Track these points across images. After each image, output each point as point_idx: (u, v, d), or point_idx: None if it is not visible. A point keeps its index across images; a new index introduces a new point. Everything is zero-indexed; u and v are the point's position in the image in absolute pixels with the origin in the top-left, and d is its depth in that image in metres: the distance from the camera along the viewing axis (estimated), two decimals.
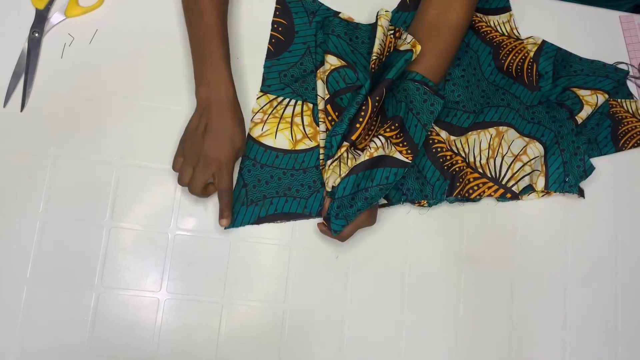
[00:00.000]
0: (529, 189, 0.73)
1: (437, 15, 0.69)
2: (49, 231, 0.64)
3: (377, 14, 0.70)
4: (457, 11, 0.68)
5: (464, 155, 0.73)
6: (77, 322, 0.63)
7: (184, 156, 0.63)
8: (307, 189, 0.69)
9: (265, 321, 0.67)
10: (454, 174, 0.71)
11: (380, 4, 0.74)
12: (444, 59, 0.69)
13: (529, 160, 0.73)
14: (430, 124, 0.67)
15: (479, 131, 0.74)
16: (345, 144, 0.65)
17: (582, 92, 0.76)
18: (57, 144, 0.66)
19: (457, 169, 0.71)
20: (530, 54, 0.78)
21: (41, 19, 0.69)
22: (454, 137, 0.73)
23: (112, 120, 0.68)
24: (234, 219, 0.67)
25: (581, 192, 0.75)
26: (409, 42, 0.67)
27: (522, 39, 0.79)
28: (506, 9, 0.80)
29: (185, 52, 0.71)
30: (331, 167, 0.65)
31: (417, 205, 0.71)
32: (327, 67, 0.69)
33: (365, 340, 0.68)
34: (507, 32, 0.79)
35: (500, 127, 0.74)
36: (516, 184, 0.73)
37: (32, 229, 0.64)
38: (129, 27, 0.71)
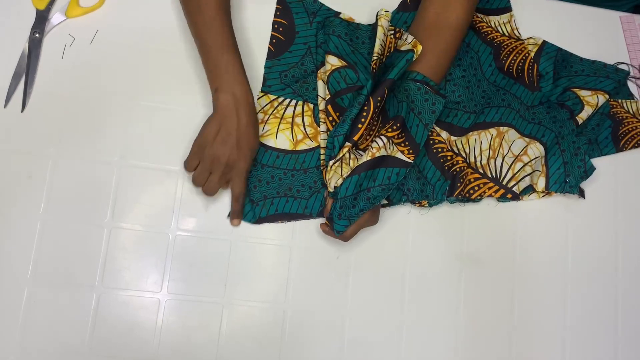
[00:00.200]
0: (530, 190, 0.73)
1: (437, 15, 0.69)
2: (49, 231, 0.64)
3: (377, 14, 0.70)
4: (457, 11, 0.68)
5: (464, 155, 0.73)
6: (77, 322, 0.63)
7: (201, 159, 0.64)
8: (307, 190, 0.69)
9: (265, 321, 0.67)
10: (455, 174, 0.71)
11: (380, 4, 0.74)
12: (445, 59, 0.69)
13: (530, 160, 0.73)
14: (431, 124, 0.67)
15: (479, 131, 0.74)
16: (347, 144, 0.65)
17: (583, 93, 0.76)
18: (57, 144, 0.66)
19: (457, 169, 0.71)
20: (530, 54, 0.78)
21: (42, 20, 0.69)
22: (454, 138, 0.73)
23: (112, 120, 0.68)
24: None
25: (582, 193, 0.75)
26: (409, 42, 0.67)
27: (522, 40, 0.79)
28: (507, 9, 0.80)
29: (185, 52, 0.71)
30: (333, 167, 0.65)
31: (417, 205, 0.71)
32: (328, 67, 0.69)
33: (365, 340, 0.68)
34: (507, 33, 0.79)
35: (500, 128, 0.74)
36: (517, 185, 0.73)
37: (32, 229, 0.64)
38: (129, 27, 0.71)
